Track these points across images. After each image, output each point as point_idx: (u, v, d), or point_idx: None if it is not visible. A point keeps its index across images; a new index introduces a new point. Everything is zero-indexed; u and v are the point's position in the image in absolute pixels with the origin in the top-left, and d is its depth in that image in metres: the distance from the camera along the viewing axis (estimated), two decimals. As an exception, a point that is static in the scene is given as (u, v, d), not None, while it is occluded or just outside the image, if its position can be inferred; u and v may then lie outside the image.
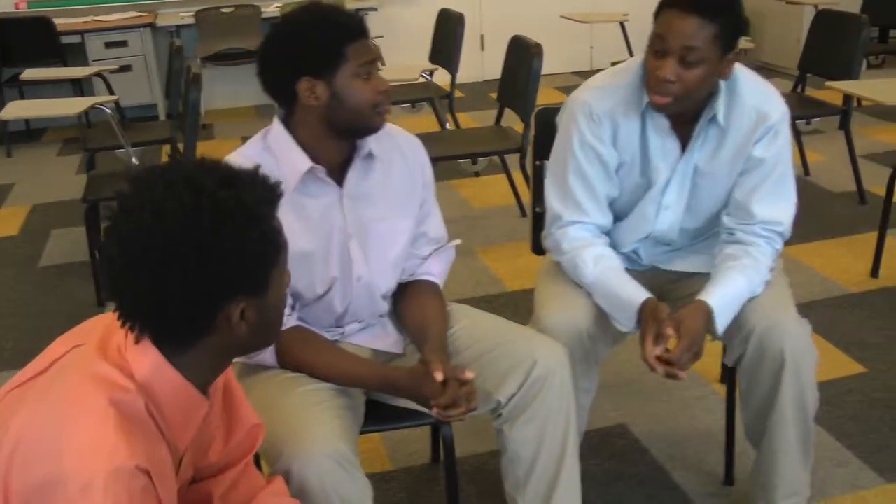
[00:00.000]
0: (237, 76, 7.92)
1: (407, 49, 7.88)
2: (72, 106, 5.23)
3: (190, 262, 1.37)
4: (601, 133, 2.39)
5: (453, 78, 5.90)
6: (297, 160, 2.13)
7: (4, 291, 4.65)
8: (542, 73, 4.47)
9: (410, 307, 2.33)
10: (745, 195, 2.39)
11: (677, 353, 2.20)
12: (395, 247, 2.29)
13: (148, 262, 1.37)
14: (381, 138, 2.23)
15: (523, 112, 4.53)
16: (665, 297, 2.58)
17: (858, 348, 3.56)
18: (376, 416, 2.26)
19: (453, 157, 5.07)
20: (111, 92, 6.67)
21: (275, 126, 2.18)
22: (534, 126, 2.77)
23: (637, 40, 6.62)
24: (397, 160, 2.29)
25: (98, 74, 6.62)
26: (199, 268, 1.38)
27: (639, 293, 2.34)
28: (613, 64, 2.62)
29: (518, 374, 2.18)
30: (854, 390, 3.28)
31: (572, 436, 2.25)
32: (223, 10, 7.67)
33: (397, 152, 2.29)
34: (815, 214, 4.97)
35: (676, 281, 2.59)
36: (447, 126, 5.76)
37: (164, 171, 1.44)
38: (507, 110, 4.97)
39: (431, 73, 5.80)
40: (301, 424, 1.97)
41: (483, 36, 8.79)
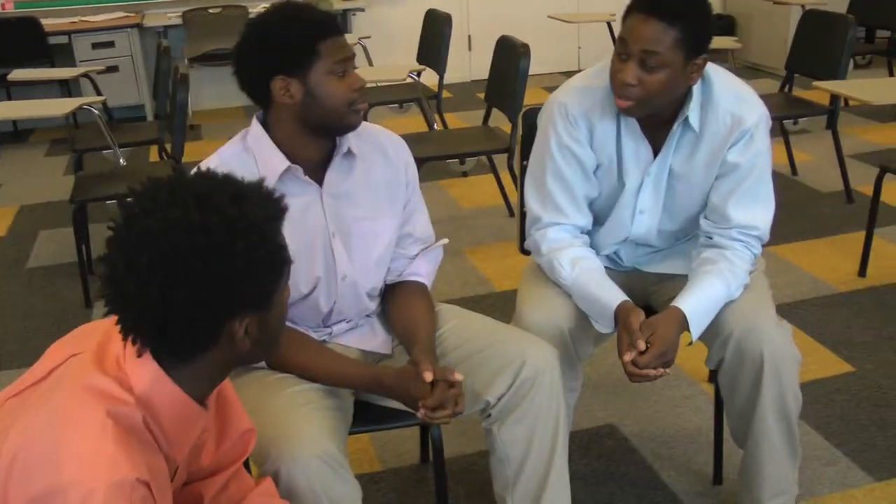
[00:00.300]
0: (225, 76, 7.80)
1: (394, 49, 7.88)
2: (59, 107, 5.22)
3: (198, 280, 1.37)
4: (577, 134, 2.39)
5: (441, 78, 5.90)
6: (275, 160, 2.12)
7: (-9, 293, 4.63)
8: (530, 74, 4.47)
9: (398, 308, 2.33)
10: (721, 199, 2.39)
11: (647, 358, 2.20)
12: (379, 246, 2.28)
13: (155, 279, 1.36)
14: (364, 138, 2.23)
15: (511, 112, 4.53)
16: (647, 298, 2.59)
17: (846, 348, 3.57)
18: (365, 416, 2.25)
19: (441, 158, 5.07)
20: (98, 93, 6.64)
21: (253, 126, 2.18)
22: (521, 126, 2.77)
23: (625, 40, 6.63)
24: (380, 160, 2.28)
25: (85, 75, 6.59)
26: (207, 285, 1.38)
27: (615, 295, 2.34)
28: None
29: (507, 374, 2.18)
30: (842, 389, 3.28)
31: (562, 436, 2.25)
32: (210, 11, 7.66)
33: (380, 152, 2.29)
34: (802, 214, 4.99)
35: (658, 282, 2.59)
36: (435, 126, 5.76)
37: (172, 185, 1.42)
38: (495, 110, 4.97)
39: (419, 74, 5.80)
40: (289, 425, 1.96)
41: (470, 36, 8.78)
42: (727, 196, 2.38)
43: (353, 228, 2.23)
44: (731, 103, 2.34)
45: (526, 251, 2.63)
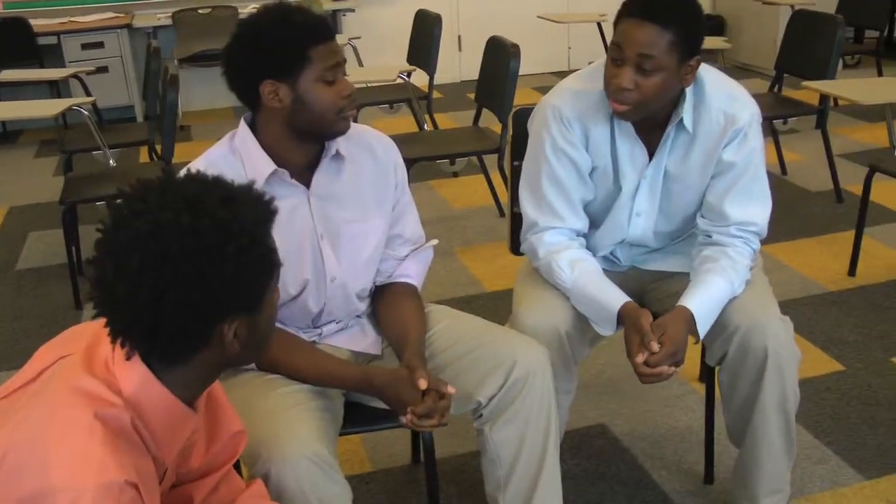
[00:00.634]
0: (214, 77, 7.78)
1: (384, 50, 7.87)
2: (49, 107, 5.20)
3: (188, 282, 1.36)
4: (572, 137, 2.39)
5: (431, 79, 5.89)
6: (261, 163, 2.11)
7: (-20, 295, 4.62)
8: (520, 74, 4.47)
9: (388, 311, 2.32)
10: (718, 198, 2.40)
11: (658, 358, 2.20)
12: (368, 247, 2.27)
13: (144, 282, 1.35)
14: (353, 139, 2.22)
15: (501, 112, 4.53)
16: (645, 296, 2.59)
17: (836, 346, 3.58)
18: (355, 417, 2.25)
19: (431, 158, 5.06)
20: (88, 93, 6.61)
21: (241, 128, 2.16)
22: (511, 126, 2.77)
23: (615, 40, 6.63)
24: (368, 161, 2.27)
25: (75, 76, 6.57)
26: (197, 288, 1.37)
27: (617, 297, 2.34)
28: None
29: (498, 374, 2.18)
30: (832, 388, 3.29)
31: (553, 436, 2.25)
32: (200, 11, 7.65)
33: (369, 153, 2.28)
34: (792, 213, 5.00)
35: (656, 280, 2.59)
36: (425, 127, 5.76)
37: (162, 187, 1.42)
38: (485, 111, 4.97)
39: (409, 74, 5.79)
40: (279, 427, 1.95)
41: (460, 37, 8.78)
42: (724, 195, 2.39)
43: (342, 230, 2.22)
44: (723, 102, 2.34)
45: (517, 251, 2.63)
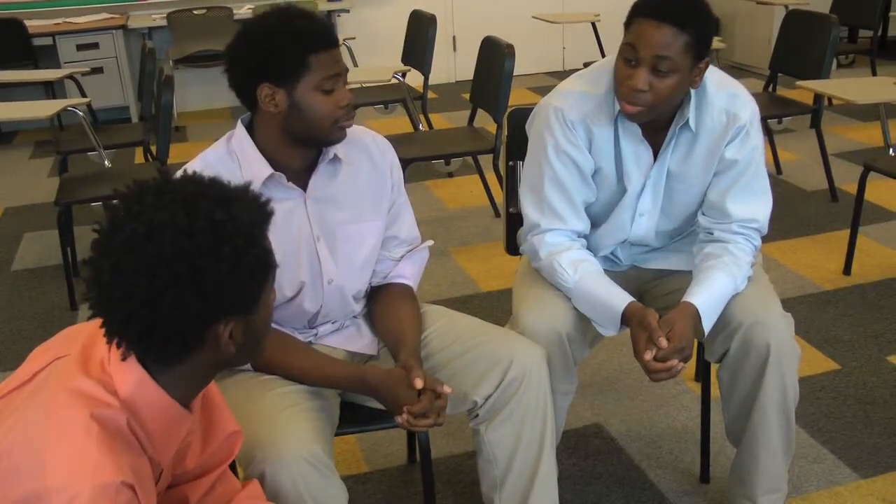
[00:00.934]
0: (210, 78, 7.86)
1: (379, 50, 7.87)
2: (44, 108, 5.19)
3: (184, 284, 1.36)
4: (575, 139, 2.38)
5: (426, 79, 5.89)
6: (258, 166, 2.10)
7: (-24, 296, 4.61)
8: (515, 74, 4.47)
9: (384, 311, 2.32)
10: (720, 196, 2.40)
11: (667, 352, 2.19)
12: (364, 249, 2.27)
13: (140, 283, 1.35)
14: (349, 140, 2.20)
15: (496, 113, 4.53)
16: (645, 295, 2.59)
17: (832, 345, 3.58)
18: (352, 417, 2.25)
19: (427, 158, 5.07)
20: (83, 94, 6.60)
21: (238, 130, 2.15)
22: (506, 126, 2.77)
23: (609, 41, 6.64)
24: (365, 162, 2.27)
25: (70, 77, 6.56)
26: (193, 289, 1.37)
27: (621, 297, 2.34)
28: (586, 65, 2.61)
29: (494, 374, 2.18)
30: (828, 387, 3.30)
31: (549, 436, 2.25)
32: (195, 12, 7.64)
33: (365, 154, 2.27)
34: (787, 213, 5.00)
35: (656, 279, 2.60)
36: (420, 127, 5.75)
37: (158, 189, 1.42)
38: (480, 111, 4.97)
39: (404, 75, 5.79)
40: (275, 427, 1.95)
41: (455, 37, 8.78)
42: (726, 192, 2.39)
43: (338, 232, 2.22)
44: (724, 101, 2.35)
45: (512, 251, 2.63)
